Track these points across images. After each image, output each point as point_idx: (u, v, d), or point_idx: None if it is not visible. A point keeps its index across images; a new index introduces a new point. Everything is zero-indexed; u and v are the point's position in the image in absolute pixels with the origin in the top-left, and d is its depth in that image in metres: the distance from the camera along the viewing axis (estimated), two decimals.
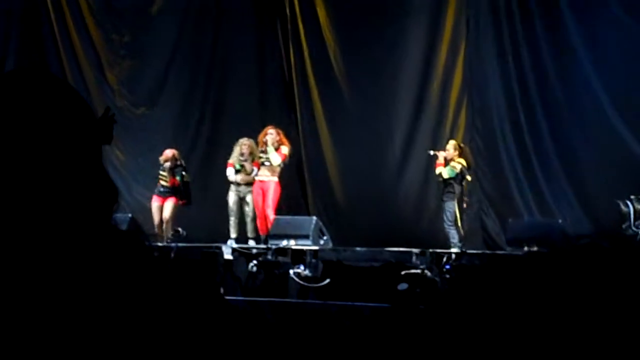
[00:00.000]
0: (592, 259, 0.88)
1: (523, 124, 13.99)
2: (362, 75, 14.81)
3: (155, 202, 14.09)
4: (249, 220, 13.77)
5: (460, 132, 14.30)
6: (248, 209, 13.72)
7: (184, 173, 14.11)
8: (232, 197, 13.77)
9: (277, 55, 15.61)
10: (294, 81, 15.43)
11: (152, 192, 14.22)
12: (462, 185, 13.12)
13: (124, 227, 13.66)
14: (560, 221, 12.92)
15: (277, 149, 13.58)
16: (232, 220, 13.75)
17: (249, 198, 13.72)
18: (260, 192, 13.67)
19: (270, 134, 13.61)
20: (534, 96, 13.91)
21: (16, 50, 16.21)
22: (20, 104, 1.47)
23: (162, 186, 14.04)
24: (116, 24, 16.13)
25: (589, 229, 13.51)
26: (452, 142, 13.33)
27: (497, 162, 14.21)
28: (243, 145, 13.64)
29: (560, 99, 13.71)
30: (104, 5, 16.22)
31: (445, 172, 13.04)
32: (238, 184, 13.72)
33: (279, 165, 13.64)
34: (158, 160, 14.12)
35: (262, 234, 13.61)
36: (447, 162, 13.08)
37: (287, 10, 15.41)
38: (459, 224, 13.04)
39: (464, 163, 13.09)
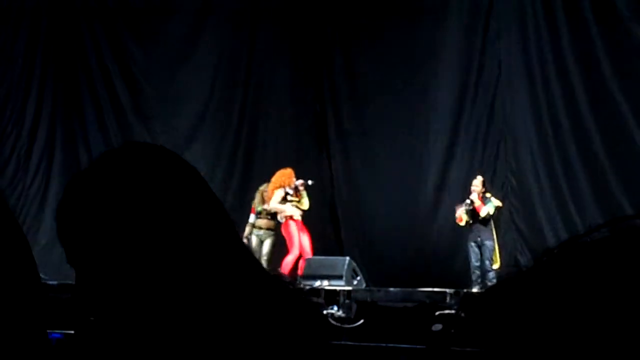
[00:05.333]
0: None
1: (556, 161, 13.94)
2: (396, 114, 14.80)
3: None
4: (264, 263, 13.71)
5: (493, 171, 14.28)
6: (265, 253, 13.72)
7: None
8: (254, 240, 13.78)
9: (310, 97, 15.66)
10: (327, 121, 15.48)
11: None
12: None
13: None
14: None
15: None
16: None
17: (267, 242, 13.76)
18: (297, 230, 13.60)
19: (295, 178, 13.58)
20: (566, 133, 13.87)
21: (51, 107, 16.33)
22: (148, 177, 1.45)
23: None
24: (150, 75, 16.17)
25: None
26: (480, 178, 13.23)
27: (531, 199, 14.13)
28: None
29: (594, 133, 13.66)
30: (141, 56, 16.28)
31: (490, 208, 12.94)
32: (260, 228, 13.77)
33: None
34: None
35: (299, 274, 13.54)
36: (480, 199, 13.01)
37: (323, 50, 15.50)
38: (499, 262, 12.95)
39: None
